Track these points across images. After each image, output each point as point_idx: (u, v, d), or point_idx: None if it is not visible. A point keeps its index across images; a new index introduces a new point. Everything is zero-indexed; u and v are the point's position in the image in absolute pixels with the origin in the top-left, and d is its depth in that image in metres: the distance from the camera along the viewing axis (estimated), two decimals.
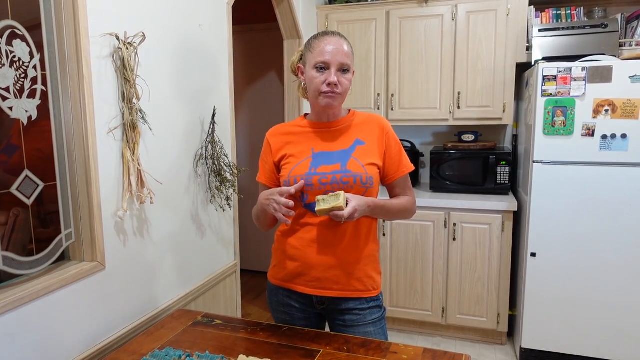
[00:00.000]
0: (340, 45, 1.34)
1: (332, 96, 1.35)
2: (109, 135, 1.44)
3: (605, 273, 2.42)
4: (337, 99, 1.36)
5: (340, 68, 1.35)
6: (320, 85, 1.35)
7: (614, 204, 2.37)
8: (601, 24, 2.56)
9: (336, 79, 1.33)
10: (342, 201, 1.25)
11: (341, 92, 1.36)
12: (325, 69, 1.34)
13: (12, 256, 1.20)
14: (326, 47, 1.34)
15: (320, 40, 1.36)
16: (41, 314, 1.25)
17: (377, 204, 1.39)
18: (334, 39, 1.36)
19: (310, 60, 1.37)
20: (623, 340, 2.44)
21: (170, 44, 1.71)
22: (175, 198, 1.79)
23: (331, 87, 1.34)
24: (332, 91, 1.34)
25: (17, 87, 1.20)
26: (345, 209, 1.25)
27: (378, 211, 1.41)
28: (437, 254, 2.87)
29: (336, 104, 1.38)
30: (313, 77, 1.36)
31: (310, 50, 1.37)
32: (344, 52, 1.34)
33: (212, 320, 1.53)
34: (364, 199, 1.33)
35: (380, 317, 1.46)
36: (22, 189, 1.23)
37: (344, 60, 1.34)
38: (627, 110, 2.30)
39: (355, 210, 1.27)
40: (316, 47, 1.36)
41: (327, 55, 1.33)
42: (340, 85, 1.35)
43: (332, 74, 1.33)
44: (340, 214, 1.25)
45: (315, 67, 1.35)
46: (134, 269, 1.58)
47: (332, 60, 1.33)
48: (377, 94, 3.11)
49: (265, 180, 1.50)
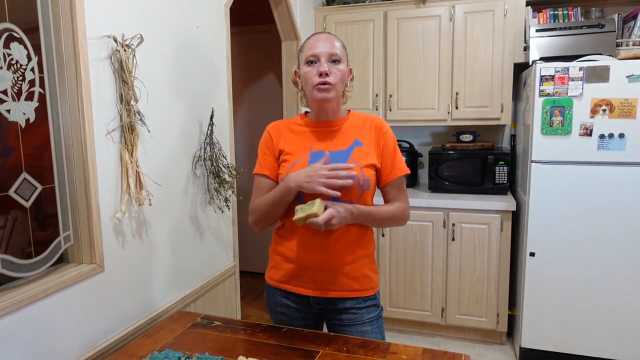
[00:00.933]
0: (329, 40, 1.37)
1: (325, 88, 1.35)
2: (107, 137, 1.44)
3: (604, 272, 2.43)
4: (330, 90, 1.36)
5: (330, 59, 1.36)
6: (313, 78, 1.36)
7: (612, 203, 2.38)
8: (598, 24, 2.56)
9: (327, 68, 1.34)
10: (316, 208, 1.23)
11: (334, 82, 1.36)
12: (316, 62, 1.36)
13: (11, 259, 1.20)
14: (315, 43, 1.37)
15: (310, 39, 1.41)
16: (40, 317, 1.25)
17: (361, 211, 1.36)
18: (323, 35, 1.40)
19: (302, 59, 1.40)
20: (623, 339, 2.44)
21: (168, 46, 1.71)
22: (174, 200, 1.79)
23: (322, 77, 1.34)
24: (325, 81, 1.34)
25: (14, 89, 1.19)
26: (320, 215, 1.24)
27: (363, 219, 1.39)
28: (436, 254, 2.87)
29: (331, 96, 1.37)
30: (305, 73, 1.38)
31: (302, 51, 1.41)
32: (332, 44, 1.37)
33: (212, 322, 1.53)
34: (345, 207, 1.31)
35: (377, 316, 1.46)
36: (20, 192, 1.22)
37: (333, 50, 1.36)
38: (625, 109, 2.31)
39: (332, 216, 1.26)
40: (306, 46, 1.40)
41: (315, 49, 1.36)
42: (331, 74, 1.35)
43: (323, 64, 1.35)
44: (315, 220, 1.24)
45: (306, 63, 1.38)
46: (132, 271, 1.58)
47: (321, 51, 1.36)
48: (375, 95, 3.12)
49: (268, 171, 1.45)
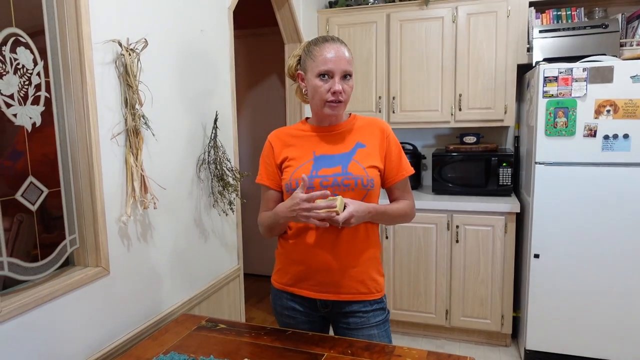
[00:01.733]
0: (341, 52, 1.35)
1: (336, 106, 1.37)
2: (112, 141, 1.44)
3: (609, 273, 2.42)
4: (340, 107, 1.38)
5: (343, 75, 1.36)
6: (325, 94, 1.35)
7: (617, 204, 2.37)
8: (602, 24, 2.56)
9: (340, 87, 1.34)
10: (338, 205, 1.25)
11: (344, 100, 1.38)
12: (329, 78, 1.35)
13: (17, 262, 1.20)
14: (328, 55, 1.34)
15: (321, 48, 1.36)
16: (46, 320, 1.25)
17: (377, 209, 1.39)
18: (335, 45, 1.36)
19: (312, 68, 1.37)
20: (627, 340, 2.43)
21: (172, 50, 1.72)
22: (178, 203, 1.79)
23: (336, 96, 1.35)
24: (337, 99, 1.35)
25: (21, 94, 1.20)
26: (341, 213, 1.26)
27: (378, 217, 1.41)
28: (440, 256, 2.86)
29: (340, 112, 1.40)
30: (317, 86, 1.36)
31: (312, 58, 1.37)
32: (345, 59, 1.35)
33: (216, 325, 1.54)
34: (364, 205, 1.34)
35: (384, 319, 1.46)
36: (26, 195, 1.23)
37: (347, 67, 1.35)
38: (629, 110, 2.30)
39: (352, 215, 1.28)
40: (317, 54, 1.35)
41: (330, 64, 1.33)
42: (344, 92, 1.36)
43: (337, 82, 1.34)
44: (335, 218, 1.25)
45: (318, 76, 1.35)
46: (137, 273, 1.58)
47: (336, 68, 1.34)
48: (378, 97, 3.12)
49: (269, 182, 1.49)
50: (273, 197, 1.50)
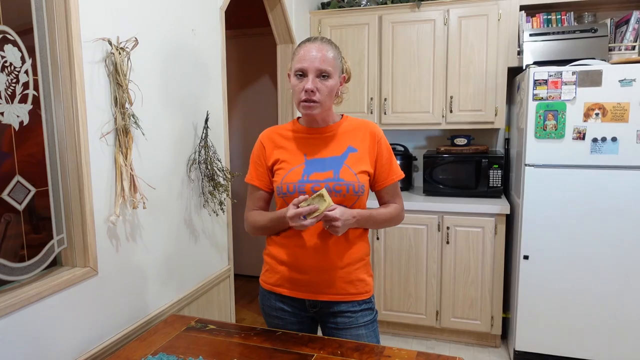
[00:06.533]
0: (321, 51, 1.33)
1: (309, 105, 1.34)
2: (102, 140, 1.43)
3: (598, 274, 2.44)
4: (315, 107, 1.35)
5: (319, 74, 1.33)
6: (300, 93, 1.34)
7: (605, 206, 2.40)
8: (591, 28, 2.59)
9: (312, 86, 1.32)
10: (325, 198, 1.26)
11: (319, 100, 1.34)
12: (304, 76, 1.34)
13: (4, 262, 1.19)
14: (305, 54, 1.33)
15: (301, 47, 1.36)
16: (33, 321, 1.24)
17: (362, 215, 1.39)
18: (316, 44, 1.34)
19: (292, 67, 1.38)
20: (616, 341, 2.46)
21: (163, 49, 1.71)
22: (168, 203, 1.78)
23: (307, 94, 1.32)
24: (309, 98, 1.33)
25: (8, 92, 1.19)
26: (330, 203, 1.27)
27: (364, 222, 1.41)
28: (430, 257, 2.87)
29: (315, 112, 1.36)
30: (293, 85, 1.37)
31: (293, 58, 1.39)
32: (324, 57, 1.32)
33: (206, 325, 1.53)
34: (348, 211, 1.33)
35: (372, 319, 1.46)
36: (13, 195, 1.22)
37: (322, 66, 1.32)
38: (617, 113, 2.33)
39: (337, 218, 1.29)
40: (297, 54, 1.36)
41: (304, 62, 1.33)
42: (318, 92, 1.33)
43: (310, 80, 1.32)
44: (331, 215, 1.26)
45: (295, 75, 1.36)
46: (126, 274, 1.57)
47: (310, 66, 1.32)
48: (370, 98, 3.13)
49: (258, 183, 1.49)
50: (263, 196, 1.50)
